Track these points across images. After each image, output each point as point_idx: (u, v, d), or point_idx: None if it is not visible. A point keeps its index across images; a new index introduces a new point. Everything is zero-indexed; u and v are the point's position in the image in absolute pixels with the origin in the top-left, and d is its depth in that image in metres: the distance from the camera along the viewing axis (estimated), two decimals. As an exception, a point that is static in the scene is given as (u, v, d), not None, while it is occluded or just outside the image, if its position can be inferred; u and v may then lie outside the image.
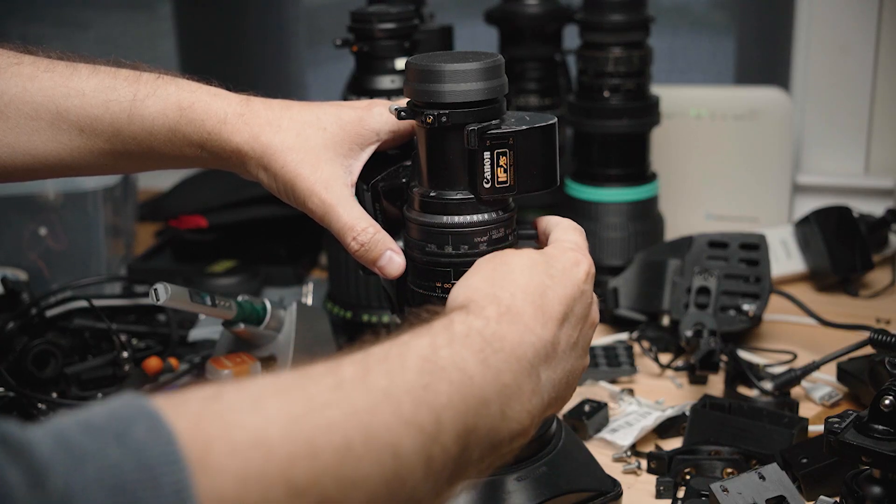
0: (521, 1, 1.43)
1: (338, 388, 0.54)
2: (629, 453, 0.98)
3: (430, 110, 0.78)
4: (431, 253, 0.81)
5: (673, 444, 1.00)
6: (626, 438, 0.99)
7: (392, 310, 0.89)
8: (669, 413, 1.02)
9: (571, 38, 1.40)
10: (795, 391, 1.09)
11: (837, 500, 0.84)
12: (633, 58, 1.30)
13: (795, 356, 1.17)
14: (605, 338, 1.25)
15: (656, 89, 1.36)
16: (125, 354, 1.12)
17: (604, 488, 0.87)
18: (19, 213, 1.39)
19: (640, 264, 1.27)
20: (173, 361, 1.14)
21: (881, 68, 1.57)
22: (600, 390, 1.11)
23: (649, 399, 1.08)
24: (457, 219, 0.80)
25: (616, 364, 1.16)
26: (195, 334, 1.26)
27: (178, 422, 0.45)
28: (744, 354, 1.16)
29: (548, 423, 0.87)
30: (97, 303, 1.18)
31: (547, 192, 0.82)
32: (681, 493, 0.91)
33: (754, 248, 1.22)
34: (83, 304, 1.17)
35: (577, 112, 1.34)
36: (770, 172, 1.53)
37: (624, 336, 1.24)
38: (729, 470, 0.93)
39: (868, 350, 1.04)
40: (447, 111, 0.78)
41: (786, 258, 1.41)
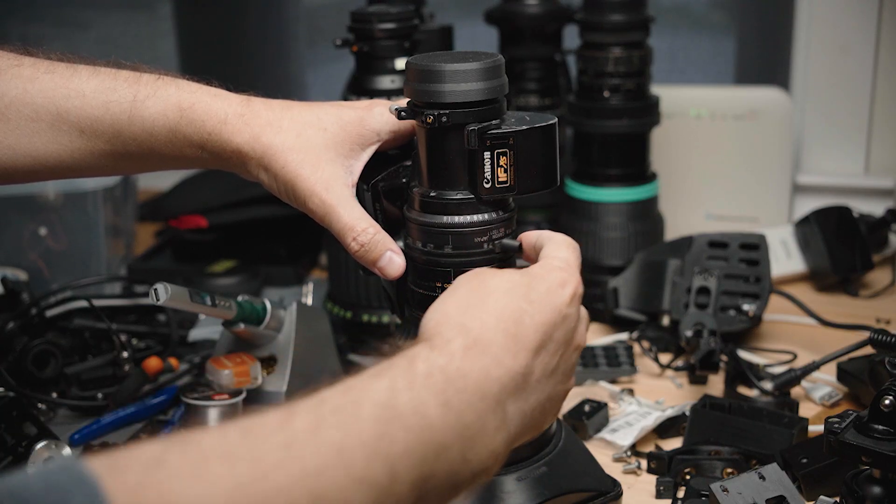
0: (521, 1, 1.43)
1: (288, 446, 0.52)
2: (629, 453, 0.98)
3: (430, 110, 0.78)
4: (431, 253, 0.81)
5: (673, 444, 1.00)
6: (626, 438, 0.99)
7: (392, 310, 0.89)
8: (669, 413, 1.02)
9: (571, 38, 1.40)
10: (795, 391, 1.09)
11: (837, 500, 0.84)
12: (633, 58, 1.30)
13: (795, 356, 1.17)
14: (605, 338, 1.25)
15: (656, 89, 1.35)
16: (125, 354, 1.12)
17: (604, 488, 0.87)
18: (19, 213, 1.39)
19: (640, 264, 1.27)
20: (173, 361, 1.14)
21: (881, 68, 1.57)
22: (600, 390, 1.12)
23: (649, 399, 1.08)
24: (457, 219, 0.80)
25: (616, 364, 1.16)
26: (195, 334, 1.26)
27: (116, 492, 0.44)
28: (744, 354, 1.16)
29: (548, 423, 0.87)
30: (97, 303, 1.18)
31: (547, 192, 0.82)
32: (681, 493, 0.91)
33: (754, 248, 1.22)
34: (83, 304, 1.17)
35: (577, 112, 1.34)
36: (770, 172, 1.53)
37: (624, 336, 1.24)
38: (729, 470, 0.93)
39: (868, 350, 1.04)
40: (447, 111, 0.78)
41: (786, 258, 1.41)
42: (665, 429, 1.02)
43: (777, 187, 1.53)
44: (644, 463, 0.96)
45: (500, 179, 0.79)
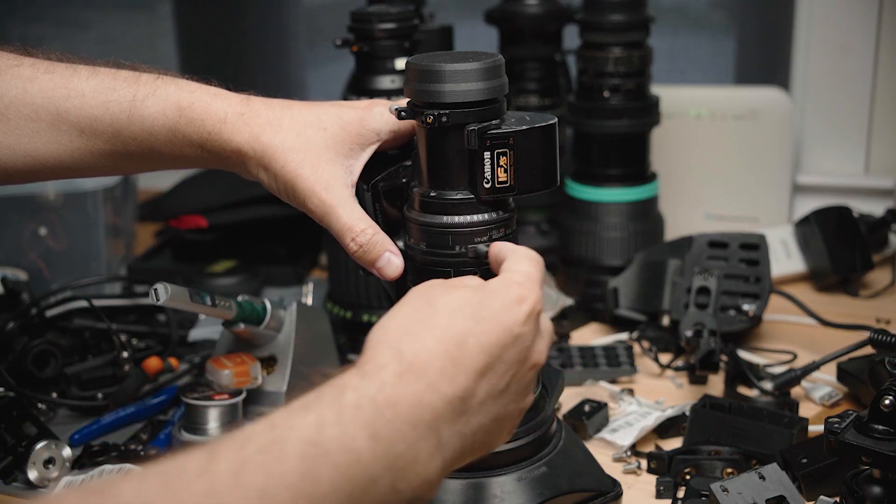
0: (521, 1, 1.43)
1: (209, 493, 0.51)
2: (629, 453, 0.98)
3: (430, 110, 0.78)
4: (431, 253, 0.81)
5: (673, 444, 1.00)
6: (626, 438, 0.99)
7: (392, 310, 0.89)
8: (669, 413, 1.02)
9: (571, 38, 1.40)
10: (795, 391, 1.09)
11: (837, 500, 0.84)
12: (633, 58, 1.30)
13: (795, 356, 1.17)
14: (605, 338, 1.25)
15: (656, 89, 1.35)
16: (125, 354, 1.12)
17: (604, 488, 0.87)
18: (19, 213, 1.39)
19: (640, 264, 1.27)
20: (173, 361, 1.14)
21: (881, 68, 1.57)
22: (600, 390, 1.11)
23: (649, 399, 1.08)
24: (457, 219, 0.80)
25: (616, 364, 1.16)
26: (195, 334, 1.26)
27: None
28: (744, 354, 1.16)
29: (548, 423, 0.87)
30: (97, 303, 1.18)
31: (547, 192, 0.82)
32: (681, 493, 0.91)
33: (754, 248, 1.22)
34: (83, 304, 1.17)
35: (577, 112, 1.34)
36: (770, 172, 1.53)
37: (624, 336, 1.24)
38: (729, 470, 0.93)
39: (868, 350, 1.04)
40: (447, 111, 0.78)
41: (786, 258, 1.41)
42: (665, 429, 1.02)
43: (777, 187, 1.53)
44: (644, 463, 0.96)
45: (500, 179, 0.79)
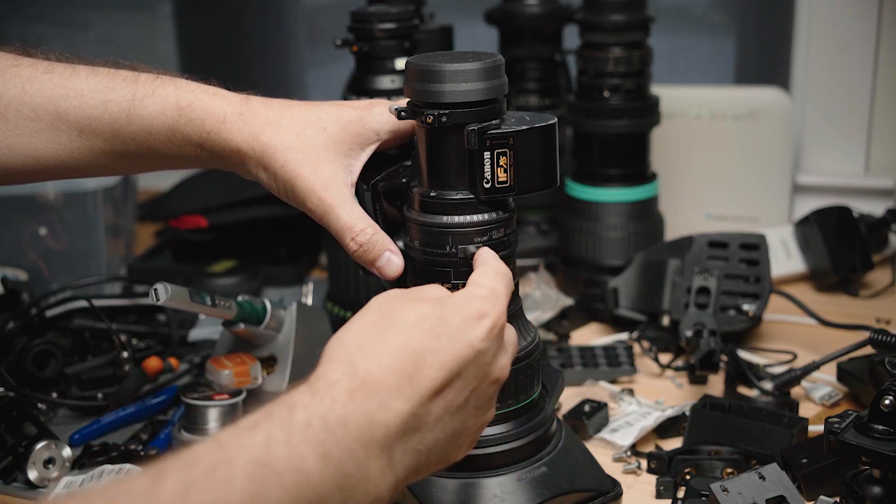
0: (521, 1, 1.43)
1: None
2: (629, 453, 0.98)
3: (430, 110, 0.78)
4: (431, 253, 0.81)
5: (673, 444, 1.00)
6: (626, 438, 0.99)
7: (392, 310, 0.89)
8: (669, 413, 1.02)
9: (571, 38, 1.40)
10: (795, 391, 1.09)
11: (837, 500, 0.84)
12: (633, 58, 1.30)
13: (795, 356, 1.17)
14: (605, 338, 1.25)
15: (656, 89, 1.35)
16: (125, 354, 1.12)
17: (604, 488, 0.87)
18: (19, 213, 1.39)
19: (640, 264, 1.27)
20: (173, 361, 1.14)
21: (881, 68, 1.57)
22: (600, 390, 1.11)
23: (649, 399, 1.08)
24: (457, 219, 0.80)
25: (616, 364, 1.16)
26: (195, 334, 1.26)
27: None
28: (744, 354, 1.16)
29: (548, 423, 0.87)
30: (97, 303, 1.18)
31: (547, 192, 0.82)
32: (681, 493, 0.91)
33: (754, 248, 1.22)
34: (83, 304, 1.17)
35: (577, 112, 1.34)
36: (770, 172, 1.53)
37: (624, 336, 1.24)
38: (729, 470, 0.93)
39: (868, 350, 1.04)
40: (447, 111, 0.78)
41: (786, 258, 1.41)
42: (665, 429, 1.02)
43: (777, 187, 1.53)
44: (644, 463, 0.96)
45: (499, 179, 0.79)
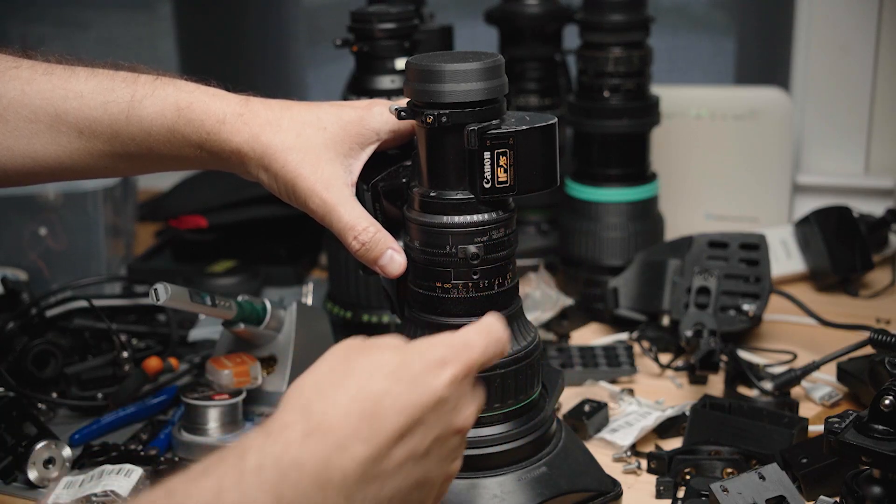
0: (521, 1, 1.43)
1: None
2: (629, 453, 0.98)
3: (430, 110, 0.78)
4: (431, 253, 0.81)
5: (673, 444, 1.00)
6: (626, 438, 0.99)
7: (392, 310, 0.89)
8: (669, 413, 1.02)
9: (571, 38, 1.40)
10: (795, 391, 1.09)
11: (837, 500, 0.84)
12: (633, 58, 1.30)
13: (795, 356, 1.17)
14: (605, 338, 1.25)
15: (656, 89, 1.35)
16: (125, 354, 1.12)
17: (604, 488, 0.87)
18: (19, 213, 1.39)
19: (640, 264, 1.27)
20: (173, 361, 1.14)
21: (881, 68, 1.57)
22: (600, 390, 1.11)
23: (649, 399, 1.08)
24: (457, 219, 0.80)
25: (616, 364, 1.16)
26: (195, 334, 1.26)
27: None
28: (744, 354, 1.16)
29: (548, 423, 0.87)
30: (97, 303, 1.18)
31: (547, 192, 0.82)
32: (681, 493, 0.91)
33: (754, 248, 1.22)
34: (83, 304, 1.17)
35: (577, 112, 1.34)
36: (770, 172, 1.53)
37: (624, 336, 1.24)
38: (729, 470, 0.93)
39: (868, 350, 1.04)
40: (447, 111, 0.78)
41: (786, 258, 1.41)
42: (665, 429, 1.02)
43: (777, 187, 1.53)
44: (644, 463, 0.96)
45: (500, 179, 0.79)
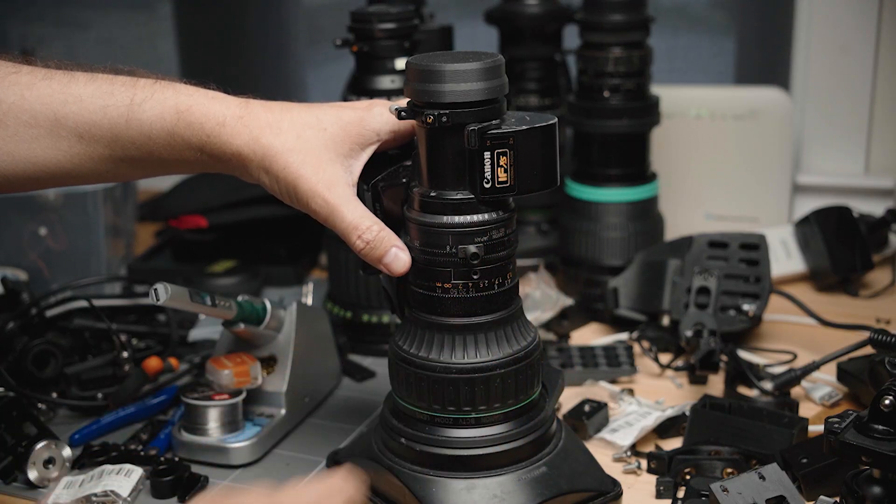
0: (521, 1, 1.43)
1: None
2: (629, 453, 0.98)
3: (430, 110, 0.78)
4: (431, 253, 0.81)
5: (673, 444, 1.00)
6: (626, 438, 0.99)
7: (392, 310, 0.89)
8: (669, 413, 1.02)
9: (571, 38, 1.40)
10: (795, 391, 1.09)
11: (837, 500, 0.84)
12: (633, 58, 1.30)
13: (795, 356, 1.17)
14: (605, 338, 1.25)
15: (656, 89, 1.35)
16: (125, 354, 1.12)
17: (604, 488, 0.87)
18: (19, 213, 1.39)
19: (640, 264, 1.27)
20: (173, 361, 1.14)
21: (881, 68, 1.57)
22: (600, 390, 1.12)
23: (649, 399, 1.08)
24: (457, 219, 0.80)
25: (616, 364, 1.16)
26: (195, 334, 1.26)
27: None
28: (744, 354, 1.16)
29: (548, 423, 0.87)
30: (97, 303, 1.18)
31: (547, 192, 0.82)
32: (681, 493, 0.91)
33: (754, 248, 1.22)
34: (83, 304, 1.17)
35: (577, 112, 1.34)
36: (770, 172, 1.53)
37: (624, 336, 1.24)
38: (729, 470, 0.93)
39: (868, 350, 1.04)
40: (447, 111, 0.78)
41: (786, 258, 1.41)
42: (665, 429, 1.02)
43: (777, 187, 1.53)
44: (644, 463, 0.96)
45: (500, 179, 0.79)
